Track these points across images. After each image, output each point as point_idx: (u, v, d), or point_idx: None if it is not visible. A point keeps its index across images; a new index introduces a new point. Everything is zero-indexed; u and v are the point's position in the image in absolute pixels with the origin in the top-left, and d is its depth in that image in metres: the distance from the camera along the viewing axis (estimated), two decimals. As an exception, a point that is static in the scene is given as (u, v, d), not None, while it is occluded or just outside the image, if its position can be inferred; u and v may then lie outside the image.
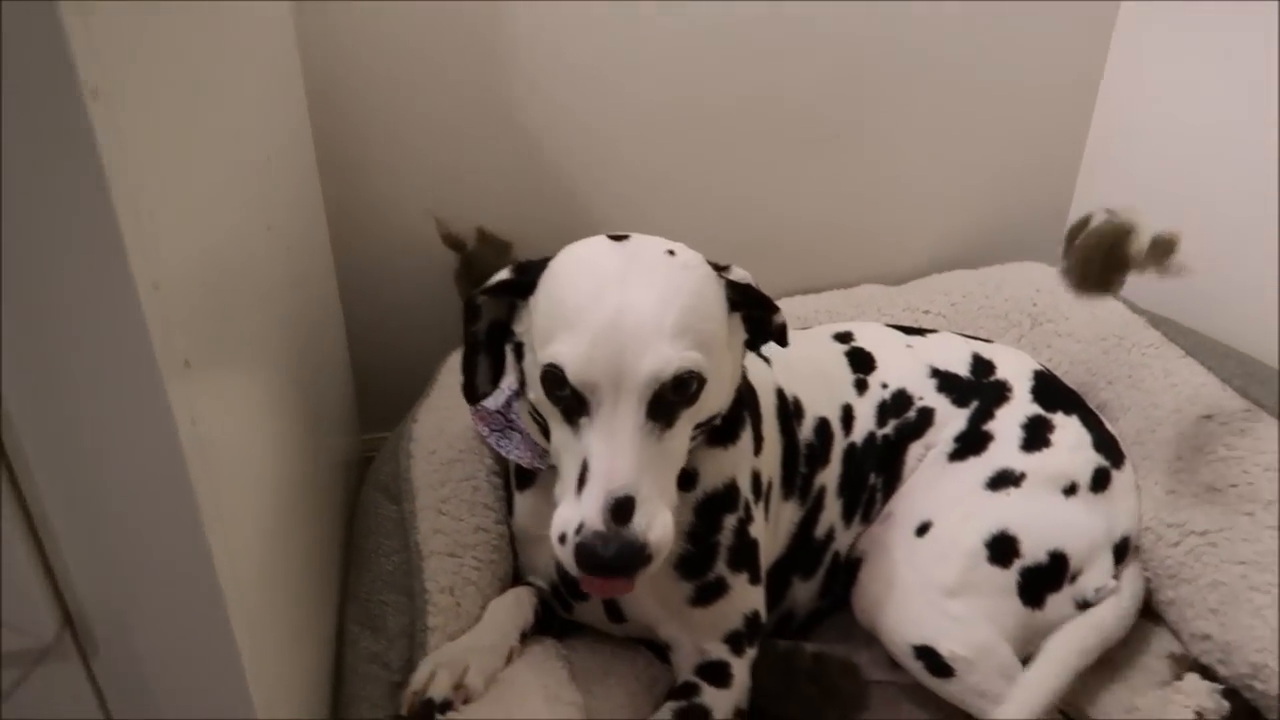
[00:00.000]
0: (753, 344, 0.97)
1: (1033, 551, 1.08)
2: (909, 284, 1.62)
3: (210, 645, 0.66)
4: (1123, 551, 1.15)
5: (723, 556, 1.00)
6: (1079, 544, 1.10)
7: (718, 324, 0.88)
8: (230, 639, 0.66)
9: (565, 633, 1.10)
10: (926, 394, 1.21)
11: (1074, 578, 1.10)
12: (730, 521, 1.00)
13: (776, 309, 0.94)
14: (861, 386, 1.21)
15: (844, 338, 1.27)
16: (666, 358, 0.80)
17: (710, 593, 1.00)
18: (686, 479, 0.97)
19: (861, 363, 1.23)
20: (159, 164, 0.61)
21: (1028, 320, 1.47)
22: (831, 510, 1.17)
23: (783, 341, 0.97)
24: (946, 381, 1.22)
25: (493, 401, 1.04)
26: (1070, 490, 1.13)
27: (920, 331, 1.32)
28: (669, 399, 0.82)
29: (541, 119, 1.44)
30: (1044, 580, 1.08)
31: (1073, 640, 1.07)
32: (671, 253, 0.88)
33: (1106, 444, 1.18)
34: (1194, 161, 1.43)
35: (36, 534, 0.58)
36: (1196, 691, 1.02)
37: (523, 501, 1.10)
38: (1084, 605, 1.10)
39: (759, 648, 1.07)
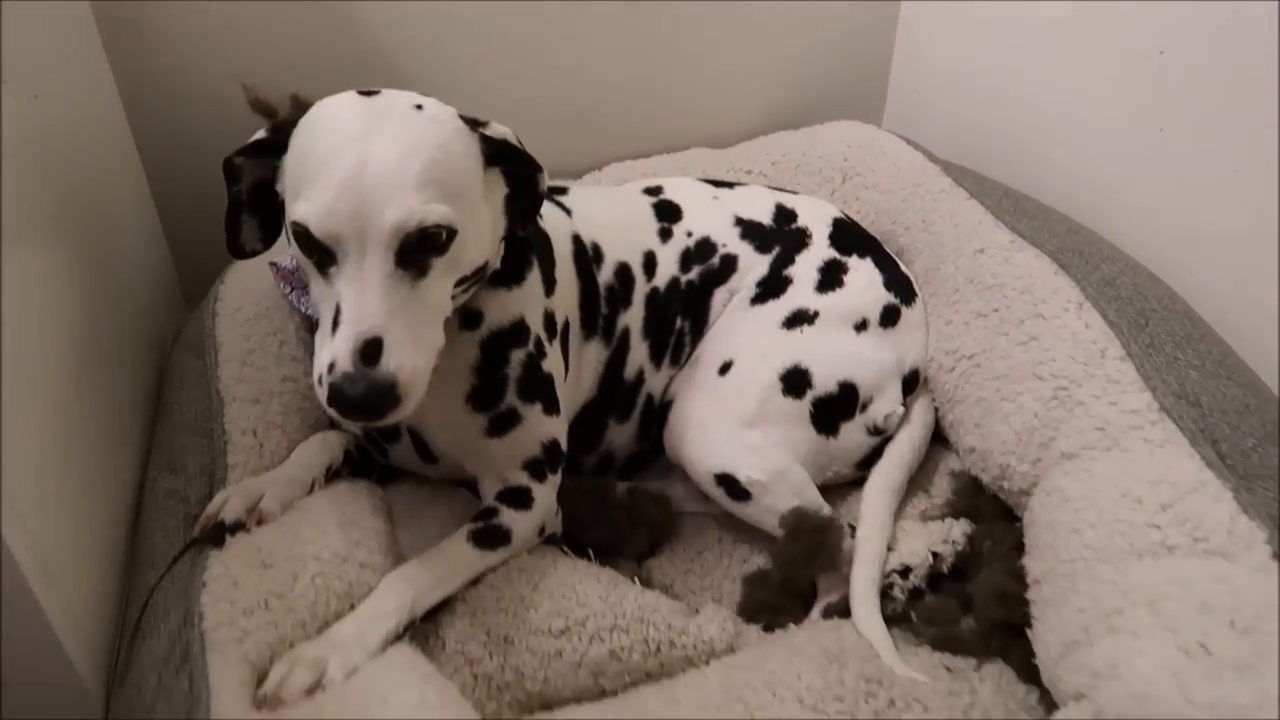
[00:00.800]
0: (515, 201, 0.98)
1: (824, 383, 1.17)
2: (736, 146, 1.67)
3: None
4: (912, 382, 1.24)
5: (512, 389, 1.04)
6: (868, 375, 1.19)
7: (468, 177, 0.90)
8: None
9: (388, 479, 1.14)
10: (730, 241, 1.27)
11: (864, 406, 1.19)
12: (519, 355, 1.04)
13: (538, 167, 0.96)
14: (666, 235, 1.25)
15: (653, 191, 1.31)
16: (409, 209, 0.82)
17: (504, 423, 1.04)
18: (471, 318, 1.01)
19: (667, 213, 1.27)
20: None
21: (839, 175, 1.53)
22: (638, 352, 1.22)
23: (536, 206, 1.00)
24: (750, 230, 1.28)
25: (287, 260, 1.05)
26: (861, 326, 1.21)
27: (730, 185, 1.37)
28: (416, 249, 0.84)
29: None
30: (835, 409, 1.17)
31: (885, 485, 1.17)
32: (419, 106, 0.89)
33: (898, 283, 1.26)
34: (1010, 16, 1.49)
35: None
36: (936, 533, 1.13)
37: None
38: (875, 431, 1.20)
39: (573, 481, 1.13)
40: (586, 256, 1.17)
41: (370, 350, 0.81)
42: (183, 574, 0.90)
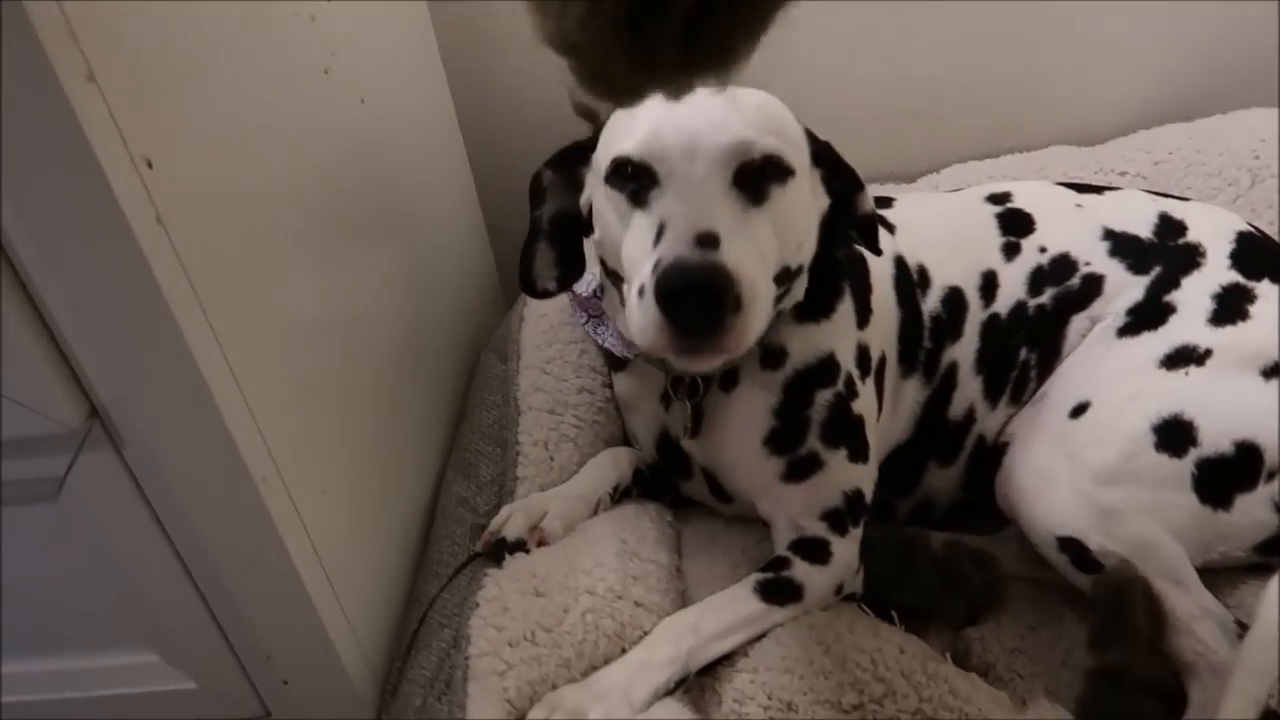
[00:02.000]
0: (833, 226, 0.91)
1: (1214, 440, 0.93)
2: (1108, 143, 1.43)
3: (247, 517, 0.73)
4: (1334, 447, 0.97)
5: (814, 432, 0.95)
6: (1277, 435, 0.93)
7: (799, 145, 0.85)
8: (262, 509, 0.72)
9: (680, 505, 1.09)
10: (1095, 258, 1.07)
11: (1272, 475, 0.94)
12: (824, 396, 0.95)
13: (862, 185, 0.88)
14: (1012, 250, 1.08)
15: (999, 199, 1.14)
16: (747, 136, 0.78)
17: (804, 468, 0.95)
18: (774, 357, 0.94)
19: (1016, 225, 1.10)
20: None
21: (1247, 176, 1.26)
22: (968, 388, 1.07)
23: (871, 238, 0.90)
24: (1122, 244, 1.07)
25: (584, 287, 1.04)
26: (1271, 372, 0.96)
27: (1099, 190, 1.16)
28: (755, 175, 0.79)
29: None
30: (1229, 475, 0.94)
31: None
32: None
33: (1326, 318, 0.99)
34: None
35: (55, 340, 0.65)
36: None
37: (620, 380, 1.10)
38: (1283, 508, 0.94)
39: (881, 531, 1.01)
40: (910, 281, 1.05)
41: (707, 240, 0.72)
42: (460, 589, 0.90)
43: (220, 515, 0.74)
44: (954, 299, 1.06)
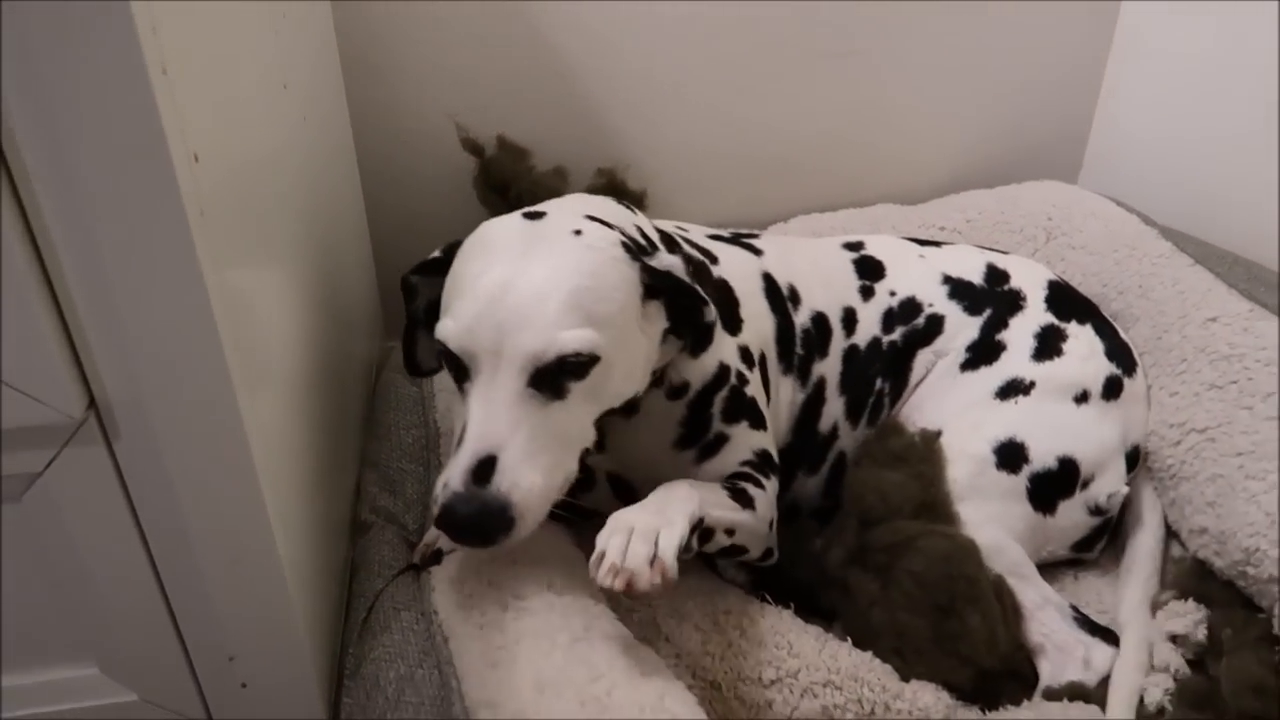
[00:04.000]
0: (677, 332, 0.95)
1: (1042, 458, 1.11)
2: (927, 203, 1.64)
3: (245, 509, 0.74)
4: (1134, 459, 1.18)
5: (717, 420, 1.03)
6: (1090, 451, 1.13)
7: (620, 306, 0.86)
8: (244, 445, 0.71)
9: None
10: (937, 301, 1.23)
11: (1086, 484, 1.13)
12: (721, 394, 1.03)
13: (706, 301, 0.91)
14: (867, 293, 1.23)
15: (854, 246, 1.28)
16: (547, 338, 0.81)
17: (712, 447, 1.03)
18: (678, 391, 1.01)
19: (869, 270, 1.25)
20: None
21: (1043, 234, 1.48)
22: (834, 405, 1.19)
23: (704, 345, 0.95)
24: (959, 289, 1.24)
25: None
26: (1082, 398, 1.15)
27: (937, 244, 1.34)
28: (554, 374, 0.82)
29: (560, 28, 1.46)
30: (1055, 486, 1.11)
31: (1144, 594, 1.10)
32: (578, 232, 0.87)
33: (1119, 352, 1.20)
34: (1219, 77, 1.43)
35: (65, 321, 0.64)
36: (1178, 614, 1.05)
37: None
38: (1097, 511, 1.14)
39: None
40: (780, 294, 1.15)
41: (483, 469, 0.79)
42: (407, 583, 0.94)
43: (217, 512, 0.73)
44: (821, 321, 1.18)
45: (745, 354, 1.07)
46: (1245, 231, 1.37)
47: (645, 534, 0.82)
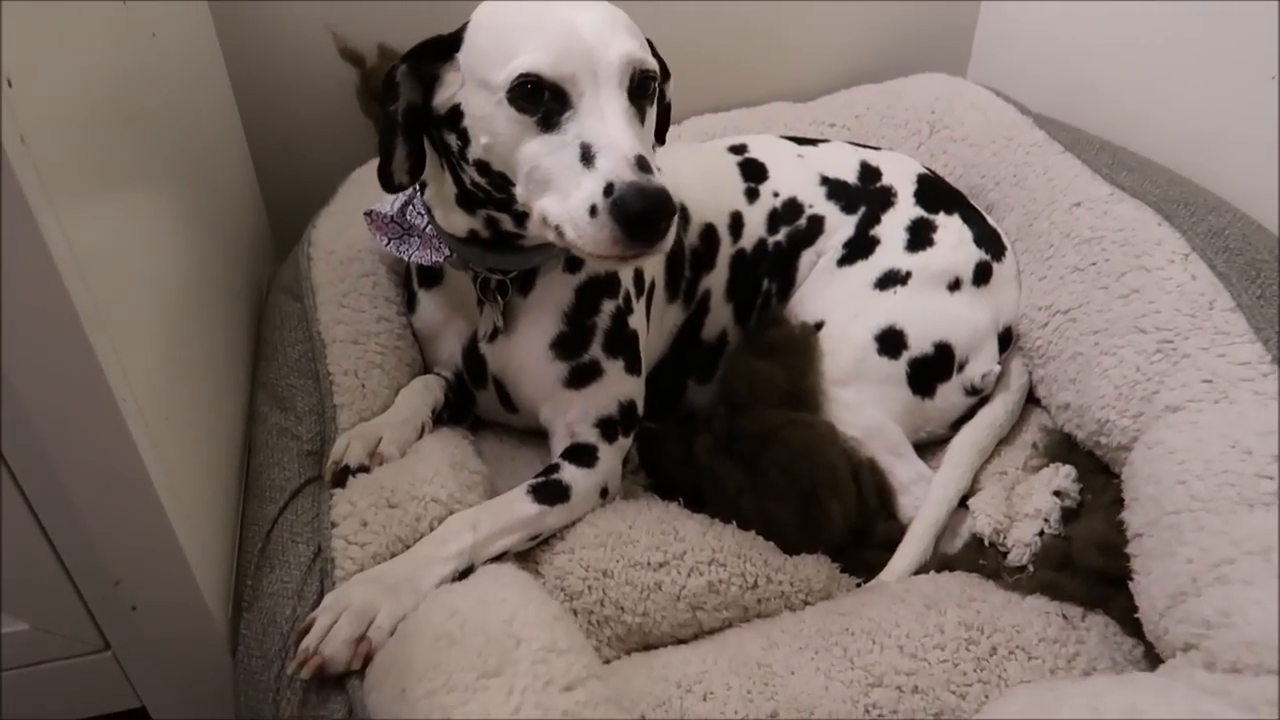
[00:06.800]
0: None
1: (919, 344, 1.16)
2: (817, 100, 1.65)
3: (108, 437, 0.74)
4: (1006, 340, 1.24)
5: (599, 340, 1.05)
6: (963, 335, 1.19)
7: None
8: (100, 375, 0.71)
9: (474, 428, 1.18)
10: (816, 202, 1.27)
11: (961, 367, 1.19)
12: (609, 307, 1.06)
13: (669, 75, 1.00)
14: (753, 195, 1.26)
15: (738, 149, 1.31)
16: (633, 46, 0.87)
17: (585, 375, 1.06)
18: (576, 261, 1.04)
19: (754, 172, 1.27)
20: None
21: (926, 128, 1.51)
22: (720, 314, 1.23)
23: (664, 129, 1.03)
24: (835, 189, 1.28)
25: (386, 207, 1.07)
26: (954, 285, 1.20)
27: (813, 142, 1.36)
28: (638, 91, 0.88)
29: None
30: (932, 370, 1.17)
31: (972, 442, 1.17)
32: None
33: (988, 239, 1.25)
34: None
35: None
36: (1055, 476, 1.11)
37: (428, 299, 1.15)
38: (973, 391, 1.20)
39: (661, 428, 1.15)
40: None
41: (644, 164, 0.82)
42: (305, 509, 0.95)
43: (80, 439, 0.74)
44: (709, 234, 1.21)
45: (638, 278, 1.10)
46: (1120, 117, 1.41)
47: (360, 613, 0.81)
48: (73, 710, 0.94)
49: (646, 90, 0.89)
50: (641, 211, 0.80)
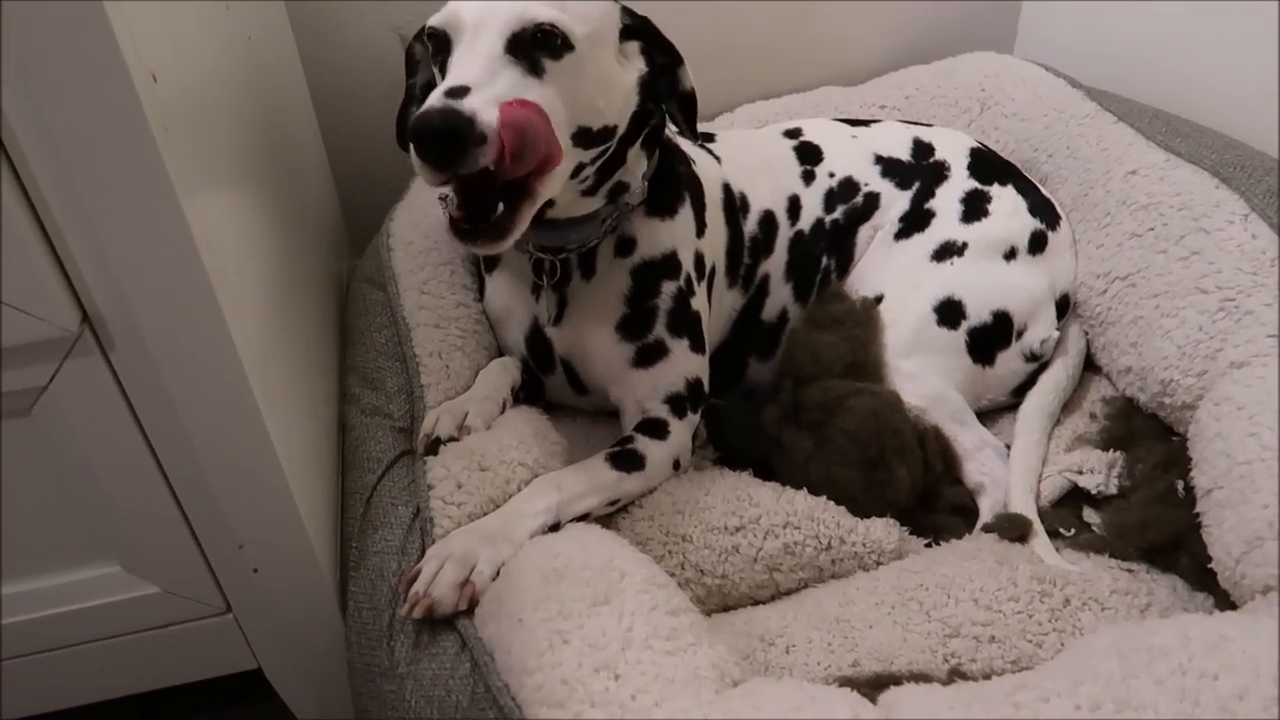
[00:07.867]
0: (654, 94, 1.02)
1: (978, 313, 1.19)
2: (867, 83, 1.68)
3: (238, 408, 0.80)
4: (1064, 307, 1.26)
5: (662, 320, 1.09)
6: (1021, 303, 1.21)
7: (598, 15, 0.94)
8: (232, 348, 0.76)
9: (550, 411, 1.21)
10: (871, 179, 1.30)
11: (1020, 334, 1.22)
12: (670, 288, 1.09)
13: (681, 61, 1.00)
14: (809, 177, 1.29)
15: (793, 134, 1.34)
16: (526, 8, 0.87)
17: (651, 355, 1.09)
18: (625, 245, 1.08)
19: (809, 155, 1.31)
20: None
21: (977, 105, 1.53)
22: (780, 294, 1.27)
23: (690, 119, 1.03)
24: (889, 166, 1.31)
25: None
26: (1010, 255, 1.23)
27: (865, 123, 1.40)
28: (529, 44, 0.88)
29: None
30: (991, 339, 1.20)
31: (1040, 408, 1.20)
32: None
33: (1042, 207, 1.27)
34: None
35: (52, 245, 0.69)
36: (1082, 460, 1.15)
37: (492, 283, 1.20)
38: (1032, 357, 1.22)
39: (728, 404, 1.20)
40: (735, 206, 1.22)
41: (456, 92, 0.82)
42: (401, 476, 1.00)
43: (211, 410, 0.79)
44: (768, 221, 1.25)
45: (699, 262, 1.14)
46: (1170, 87, 1.42)
47: (462, 560, 0.86)
48: (195, 672, 1.00)
49: (548, 44, 0.88)
50: (417, 130, 0.80)
